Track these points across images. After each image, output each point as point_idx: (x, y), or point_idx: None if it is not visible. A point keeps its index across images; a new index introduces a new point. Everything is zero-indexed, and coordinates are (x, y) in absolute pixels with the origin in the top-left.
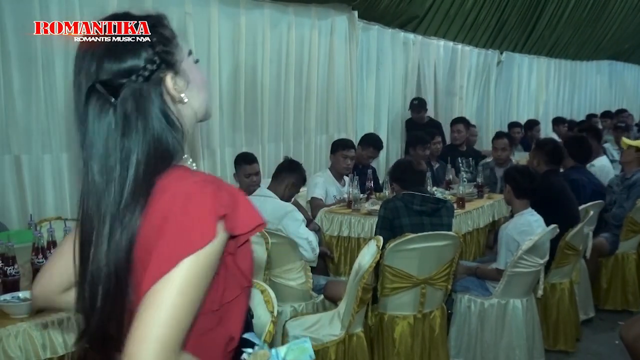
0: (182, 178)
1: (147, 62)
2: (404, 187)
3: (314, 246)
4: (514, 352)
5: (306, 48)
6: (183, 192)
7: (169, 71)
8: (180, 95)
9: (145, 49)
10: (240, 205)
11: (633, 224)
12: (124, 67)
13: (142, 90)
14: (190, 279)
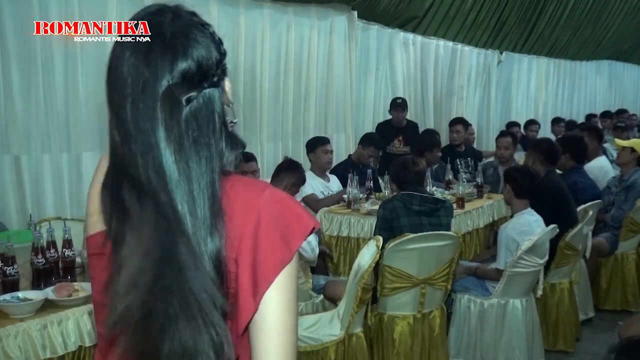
0: (249, 185)
1: (217, 65)
2: (403, 187)
3: (314, 246)
4: (514, 352)
5: (305, 48)
6: (265, 203)
7: (225, 75)
8: (229, 105)
9: (215, 50)
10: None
11: (633, 224)
12: (199, 68)
13: (212, 96)
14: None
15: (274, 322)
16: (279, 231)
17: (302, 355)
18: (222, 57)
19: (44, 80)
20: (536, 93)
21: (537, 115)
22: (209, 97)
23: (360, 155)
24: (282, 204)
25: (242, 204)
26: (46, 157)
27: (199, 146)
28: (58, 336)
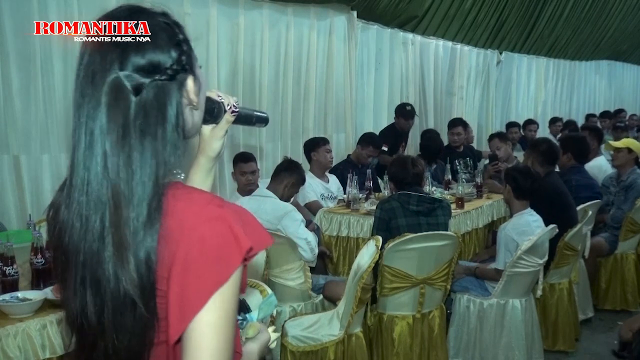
0: (190, 202)
1: (174, 61)
2: (400, 187)
3: (313, 246)
4: (513, 352)
5: (305, 48)
6: (197, 223)
7: (189, 73)
8: (195, 102)
9: (173, 47)
10: (249, 225)
11: (632, 224)
12: (151, 62)
13: (165, 88)
14: (227, 314)
15: (203, 343)
16: (214, 252)
17: (301, 355)
18: (182, 54)
19: (43, 80)
20: (535, 93)
21: (537, 115)
22: (162, 90)
23: (359, 155)
24: (221, 222)
25: (180, 218)
26: (45, 157)
27: (145, 138)
28: (57, 336)
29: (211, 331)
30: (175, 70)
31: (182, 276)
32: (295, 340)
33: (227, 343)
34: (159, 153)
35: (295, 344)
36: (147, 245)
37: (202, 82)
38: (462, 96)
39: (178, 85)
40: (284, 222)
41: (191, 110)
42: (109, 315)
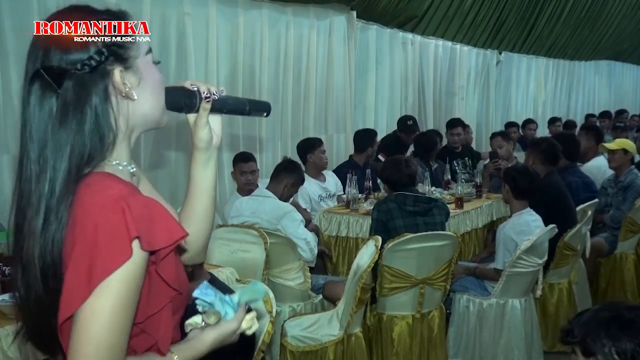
0: (97, 191)
1: (94, 53)
2: (395, 188)
3: (313, 246)
4: (513, 352)
5: (305, 48)
6: (94, 211)
7: (118, 65)
8: (131, 92)
9: (94, 41)
10: (157, 220)
11: (632, 224)
12: (70, 56)
13: (84, 80)
14: (114, 302)
15: (86, 332)
16: (105, 241)
17: (301, 355)
18: (107, 47)
19: None
20: (535, 93)
21: (536, 115)
22: (80, 82)
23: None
24: (115, 213)
25: (84, 207)
26: None
27: (62, 129)
28: None
29: (96, 320)
30: (98, 62)
31: (75, 263)
32: (294, 340)
33: (114, 333)
34: (75, 144)
35: (295, 344)
36: (52, 231)
37: (148, 75)
38: (462, 96)
39: (100, 77)
40: (284, 222)
41: (124, 100)
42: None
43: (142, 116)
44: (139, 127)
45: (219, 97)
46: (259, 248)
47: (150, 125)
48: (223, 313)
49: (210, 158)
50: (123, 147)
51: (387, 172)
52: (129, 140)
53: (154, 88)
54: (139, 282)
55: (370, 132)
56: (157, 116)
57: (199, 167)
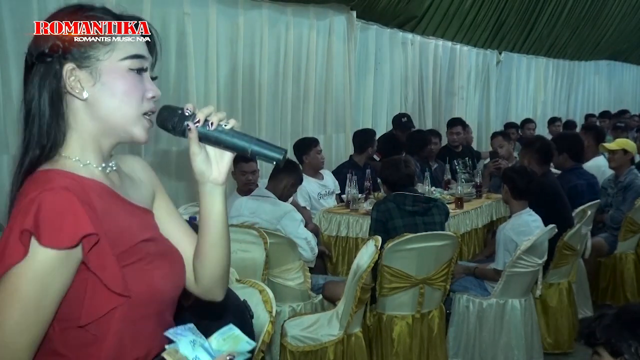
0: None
1: (48, 47)
2: (393, 188)
3: (313, 246)
4: (513, 352)
5: (304, 48)
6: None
7: (71, 61)
8: (77, 90)
9: (53, 36)
10: (66, 217)
11: (632, 224)
12: (35, 48)
13: (39, 70)
14: (10, 299)
15: None
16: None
17: (301, 355)
18: (64, 41)
19: None
20: (535, 93)
21: (536, 115)
22: (37, 71)
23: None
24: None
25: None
26: None
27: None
28: None
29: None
30: (49, 55)
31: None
32: (294, 340)
33: (10, 332)
34: (27, 133)
35: (295, 344)
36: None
37: (114, 80)
38: (462, 96)
39: (52, 70)
40: (284, 221)
41: (71, 97)
42: None
43: (98, 121)
44: (102, 133)
45: (216, 130)
46: (259, 248)
47: (115, 135)
48: (192, 357)
49: (211, 193)
50: (87, 148)
51: (385, 172)
52: (95, 143)
53: (114, 94)
54: (46, 280)
55: (369, 132)
56: (121, 127)
57: (202, 201)
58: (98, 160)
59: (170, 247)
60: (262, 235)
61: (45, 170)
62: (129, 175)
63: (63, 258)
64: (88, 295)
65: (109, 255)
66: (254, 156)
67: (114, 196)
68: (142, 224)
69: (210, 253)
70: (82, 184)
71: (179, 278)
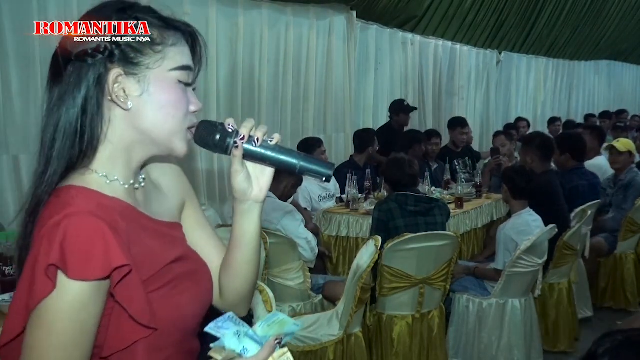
0: (53, 212)
1: (96, 45)
2: (396, 188)
3: (313, 246)
4: (513, 352)
5: (304, 48)
6: (37, 237)
7: (119, 66)
8: (122, 99)
9: (103, 36)
10: (96, 246)
11: (632, 224)
12: (77, 46)
13: (76, 72)
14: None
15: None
16: (35, 263)
17: (301, 355)
18: (114, 43)
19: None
20: (535, 93)
21: (536, 115)
22: (79, 69)
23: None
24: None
25: (40, 224)
26: None
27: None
28: None
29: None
30: (94, 55)
31: (20, 286)
32: (294, 340)
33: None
34: (46, 142)
35: (295, 344)
36: (19, 235)
37: (161, 91)
38: (462, 96)
39: (96, 71)
40: (284, 221)
41: (111, 105)
42: None
43: (139, 132)
44: (137, 145)
45: (262, 146)
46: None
47: (155, 148)
48: (240, 350)
49: (249, 211)
50: (117, 162)
51: (389, 172)
52: (126, 156)
53: (162, 107)
54: (82, 314)
55: (369, 132)
56: (164, 141)
57: (237, 218)
58: (126, 176)
59: (197, 264)
60: (262, 235)
61: (69, 187)
62: (156, 185)
63: (95, 289)
64: (112, 326)
65: (137, 286)
66: (303, 172)
67: (138, 216)
68: (169, 242)
69: (241, 270)
70: (107, 205)
71: (206, 296)
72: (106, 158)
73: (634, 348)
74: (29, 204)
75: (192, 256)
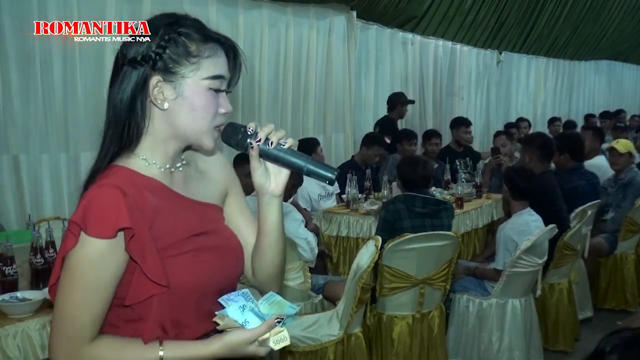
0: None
1: (141, 54)
2: (408, 187)
3: (313, 246)
4: (513, 352)
5: (304, 48)
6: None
7: (158, 74)
8: (160, 100)
9: (149, 45)
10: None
11: (632, 224)
12: (131, 54)
13: (128, 74)
14: (70, 279)
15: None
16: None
17: (301, 355)
18: (157, 54)
19: (43, 80)
20: (535, 93)
21: (536, 115)
22: (130, 71)
23: (365, 156)
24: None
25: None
26: (45, 157)
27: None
28: None
29: (59, 293)
30: (138, 62)
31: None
32: (294, 340)
33: (72, 308)
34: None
35: (295, 344)
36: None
37: (194, 96)
38: (462, 96)
39: (142, 75)
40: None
41: (152, 104)
42: None
43: (173, 128)
44: (172, 138)
45: (275, 148)
46: None
47: (187, 141)
48: (242, 321)
49: (269, 203)
50: (156, 150)
51: (402, 169)
52: (164, 146)
53: (193, 109)
54: (99, 264)
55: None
56: (194, 137)
57: (260, 209)
58: (163, 161)
59: (228, 240)
60: None
61: (114, 166)
62: (202, 172)
63: (109, 246)
64: (134, 280)
65: (149, 247)
66: (309, 174)
67: (170, 193)
68: (201, 218)
69: (267, 253)
70: (139, 181)
71: (230, 270)
72: (147, 146)
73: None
74: (87, 177)
75: (223, 233)
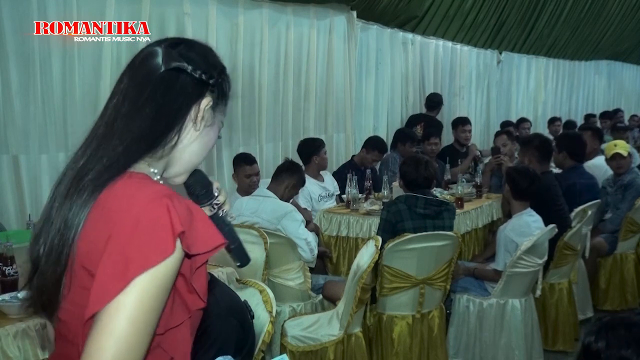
0: (141, 185)
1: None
2: (410, 187)
3: (313, 247)
4: (513, 352)
5: (305, 48)
6: (137, 204)
7: (211, 96)
8: (197, 121)
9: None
10: (199, 222)
11: (632, 224)
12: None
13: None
14: (144, 302)
15: (110, 327)
16: (145, 235)
17: (301, 355)
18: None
19: (42, 80)
20: (535, 93)
21: (536, 115)
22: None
23: (363, 158)
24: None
25: (123, 201)
26: (44, 156)
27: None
28: None
29: (122, 317)
30: (199, 74)
31: (110, 256)
32: (294, 340)
33: (139, 334)
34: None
35: (295, 343)
36: (73, 214)
37: (212, 131)
38: (463, 96)
39: (194, 87)
40: (284, 222)
41: (188, 119)
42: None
43: (183, 150)
44: (177, 160)
45: (222, 218)
46: (259, 248)
47: (175, 168)
48: None
49: None
50: (162, 165)
51: (405, 169)
52: (167, 164)
53: (206, 144)
54: (169, 284)
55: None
56: (185, 166)
57: None
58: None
59: None
60: (262, 235)
61: (141, 174)
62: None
63: (179, 262)
64: (173, 302)
65: (204, 265)
66: (230, 252)
67: None
68: None
69: None
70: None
71: None
72: (162, 159)
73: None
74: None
75: None
